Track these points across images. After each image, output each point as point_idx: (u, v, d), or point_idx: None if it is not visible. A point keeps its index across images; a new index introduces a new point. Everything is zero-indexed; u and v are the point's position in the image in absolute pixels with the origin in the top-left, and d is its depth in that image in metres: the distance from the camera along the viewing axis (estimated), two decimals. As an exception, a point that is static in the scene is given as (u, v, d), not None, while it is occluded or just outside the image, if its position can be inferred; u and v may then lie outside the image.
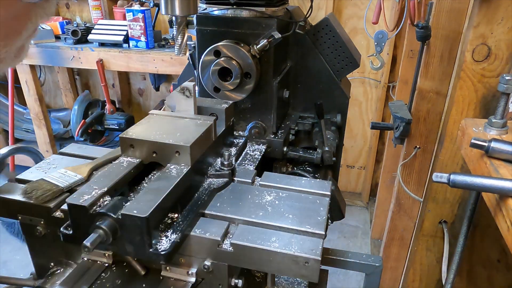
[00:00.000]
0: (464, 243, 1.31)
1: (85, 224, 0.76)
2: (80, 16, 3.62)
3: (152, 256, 0.77)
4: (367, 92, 3.37)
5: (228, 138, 1.19)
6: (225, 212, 0.92)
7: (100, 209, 0.77)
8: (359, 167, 3.71)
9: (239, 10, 1.27)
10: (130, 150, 0.91)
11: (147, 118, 1.02)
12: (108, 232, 0.74)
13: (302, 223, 0.87)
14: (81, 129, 3.22)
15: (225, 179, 1.01)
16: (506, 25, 1.16)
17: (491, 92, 1.25)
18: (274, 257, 0.82)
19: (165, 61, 2.79)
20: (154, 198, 0.78)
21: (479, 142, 0.91)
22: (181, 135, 0.92)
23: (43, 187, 0.94)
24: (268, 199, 0.96)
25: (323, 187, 1.01)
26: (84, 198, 0.78)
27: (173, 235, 0.80)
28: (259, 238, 0.84)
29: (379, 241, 3.11)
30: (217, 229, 0.86)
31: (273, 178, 1.06)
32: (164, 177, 0.86)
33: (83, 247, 0.70)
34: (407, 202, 2.08)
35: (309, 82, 1.51)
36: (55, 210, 0.93)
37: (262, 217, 0.89)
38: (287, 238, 0.84)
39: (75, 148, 1.21)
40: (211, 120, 1.01)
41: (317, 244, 0.83)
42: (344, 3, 3.11)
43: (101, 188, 0.81)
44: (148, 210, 0.74)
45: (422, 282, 1.68)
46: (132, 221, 0.74)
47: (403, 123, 1.83)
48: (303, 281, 1.27)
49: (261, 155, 1.29)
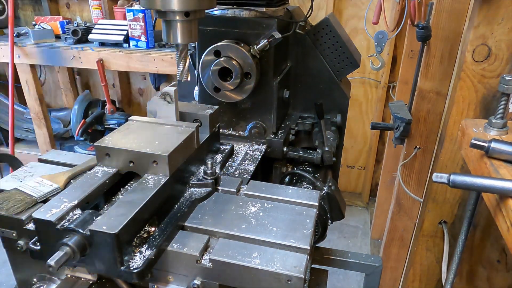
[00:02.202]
0: (464, 244, 1.31)
1: (53, 240, 0.72)
2: (80, 16, 3.62)
3: (123, 275, 0.73)
4: (367, 92, 3.37)
5: (213, 144, 1.15)
6: (206, 224, 0.87)
7: (68, 224, 0.73)
8: (359, 167, 3.71)
9: (239, 10, 1.27)
10: (106, 159, 0.88)
11: (126, 125, 0.99)
12: (76, 250, 0.70)
13: (286, 237, 0.83)
14: (81, 128, 3.22)
15: (208, 188, 0.97)
16: (507, 25, 1.16)
17: (491, 92, 1.25)
18: (256, 274, 0.77)
19: (165, 61, 2.79)
20: (126, 212, 0.74)
21: (479, 143, 0.91)
22: (159, 144, 0.88)
23: (15, 197, 0.90)
24: (252, 210, 0.92)
25: (310, 197, 0.96)
26: (52, 212, 0.74)
27: (148, 250, 0.76)
28: (240, 254, 0.79)
29: (379, 241, 3.11)
30: (196, 243, 0.82)
31: (259, 187, 1.01)
32: (140, 189, 0.81)
33: (47, 266, 0.66)
34: (407, 202, 2.08)
35: (309, 82, 1.51)
36: (28, 222, 0.88)
37: (244, 230, 0.85)
38: (269, 254, 0.80)
39: (55, 154, 1.17)
40: (193, 127, 0.97)
41: (301, 260, 0.78)
42: (345, 3, 3.11)
43: (71, 201, 0.77)
44: (119, 226, 0.70)
45: (422, 282, 1.68)
46: (101, 237, 0.70)
47: (403, 123, 1.83)
48: (303, 281, 1.27)
49: (261, 155, 1.29)
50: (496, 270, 1.38)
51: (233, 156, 1.29)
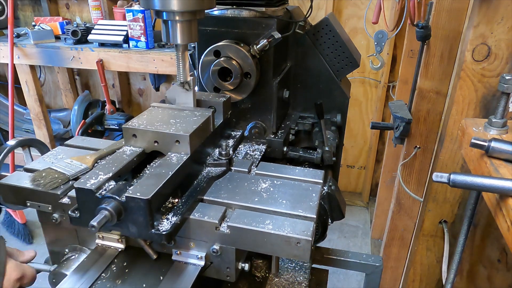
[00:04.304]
0: (464, 243, 1.31)
1: (91, 207, 0.80)
2: (80, 16, 3.62)
3: (154, 236, 0.81)
4: (367, 92, 3.37)
5: (225, 130, 1.22)
6: (223, 198, 0.96)
7: (105, 192, 0.81)
8: (359, 167, 3.71)
9: (238, 10, 1.27)
10: (133, 139, 0.96)
11: (149, 110, 1.06)
12: (113, 213, 0.78)
13: (295, 208, 0.91)
14: (81, 129, 3.22)
15: (223, 168, 1.05)
16: (506, 24, 1.16)
17: (491, 91, 1.25)
18: (268, 238, 0.86)
19: (165, 61, 2.79)
20: (155, 182, 0.82)
21: (479, 142, 0.91)
22: (181, 126, 0.96)
23: (50, 175, 0.99)
24: (263, 186, 1.01)
25: (315, 175, 1.06)
26: (91, 183, 0.82)
27: (174, 217, 0.84)
28: (254, 221, 0.88)
29: (379, 241, 3.11)
30: (215, 213, 0.91)
31: (269, 167, 1.10)
32: (165, 164, 0.90)
33: (90, 226, 0.74)
34: (407, 202, 2.08)
35: (309, 82, 1.51)
36: (62, 196, 0.98)
37: (257, 202, 0.94)
38: (280, 221, 0.88)
39: (79, 140, 1.26)
40: (209, 112, 1.05)
41: (309, 226, 0.86)
42: (344, 3, 3.11)
43: (106, 174, 0.85)
44: (150, 193, 0.78)
45: (422, 282, 1.68)
46: (135, 203, 0.78)
47: (403, 123, 1.83)
48: (303, 281, 1.27)
49: (261, 155, 1.29)
50: (497, 269, 1.38)
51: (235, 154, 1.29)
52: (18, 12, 3.77)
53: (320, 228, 1.27)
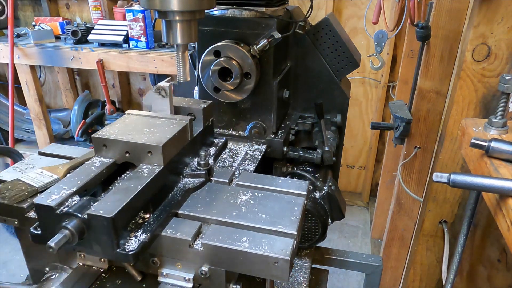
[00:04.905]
0: (464, 243, 1.31)
1: (52, 224, 0.76)
2: (80, 16, 3.62)
3: (119, 256, 0.76)
4: (367, 92, 3.37)
5: (207, 138, 1.17)
6: (199, 212, 0.91)
7: (67, 209, 0.76)
8: (359, 167, 3.71)
9: (239, 10, 1.27)
10: (103, 150, 0.91)
11: (123, 118, 1.02)
12: (74, 232, 0.74)
13: (274, 223, 0.86)
14: (81, 129, 3.22)
15: (201, 179, 1.00)
16: (506, 24, 1.16)
17: (491, 92, 1.25)
18: (244, 257, 0.81)
19: (165, 61, 2.79)
20: (122, 198, 0.78)
21: (479, 142, 0.91)
22: (154, 135, 0.92)
23: (17, 187, 0.94)
24: (243, 199, 0.95)
25: (299, 187, 1.00)
26: (52, 198, 0.77)
27: (143, 235, 0.80)
28: (230, 238, 0.83)
29: (379, 241, 3.11)
30: (188, 229, 0.86)
31: (251, 178, 1.05)
32: (135, 177, 0.85)
33: (47, 247, 0.70)
34: (407, 202, 2.08)
35: (309, 82, 1.51)
36: (29, 210, 0.92)
37: (235, 217, 0.89)
38: (258, 238, 0.83)
39: (55, 148, 1.20)
40: (187, 120, 1.00)
41: (288, 244, 0.81)
42: (344, 3, 3.11)
43: (70, 188, 0.81)
44: (115, 210, 0.74)
45: (422, 282, 1.68)
46: (98, 221, 0.74)
47: (403, 123, 1.83)
48: (303, 281, 1.27)
49: (261, 155, 1.29)
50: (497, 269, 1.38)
51: (235, 154, 1.29)
52: (18, 12, 3.77)
53: (320, 228, 1.27)
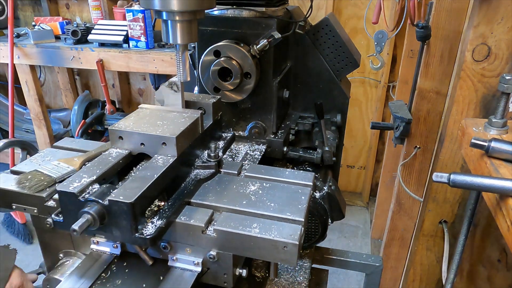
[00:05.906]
0: (464, 243, 1.31)
1: (74, 210, 0.79)
2: (80, 16, 3.62)
3: (137, 240, 0.80)
4: (367, 92, 3.37)
5: (216, 131, 1.21)
6: (210, 201, 0.94)
7: (88, 195, 0.80)
8: (359, 167, 3.71)
9: (239, 10, 1.27)
10: (119, 141, 0.95)
11: (136, 112, 1.05)
12: (96, 217, 0.77)
13: (283, 211, 0.90)
14: (81, 129, 3.22)
15: (212, 170, 1.04)
16: (506, 24, 1.15)
17: (491, 92, 1.25)
18: (255, 242, 0.84)
19: (165, 61, 2.79)
20: (139, 185, 0.81)
21: (479, 142, 0.91)
22: (168, 128, 0.95)
23: (36, 177, 0.98)
24: (252, 189, 0.99)
25: (305, 178, 1.04)
26: (74, 186, 0.80)
27: (159, 221, 0.83)
28: (241, 225, 0.87)
29: (379, 241, 3.11)
30: (201, 216, 0.89)
31: (259, 169, 1.08)
32: (151, 167, 0.89)
33: (72, 231, 0.73)
34: (407, 202, 2.08)
35: (309, 82, 1.51)
36: (48, 199, 0.96)
37: (245, 206, 0.92)
38: (267, 225, 0.86)
39: (69, 142, 1.24)
40: (198, 114, 1.04)
41: (296, 230, 0.85)
42: (344, 3, 3.11)
43: (90, 177, 0.84)
44: (134, 196, 0.77)
45: (422, 282, 1.68)
46: (118, 206, 0.77)
47: (403, 123, 1.83)
48: (303, 281, 1.27)
49: (261, 155, 1.29)
50: (497, 269, 1.38)
51: (235, 154, 1.29)
52: (18, 12, 3.77)
53: (320, 228, 1.27)
